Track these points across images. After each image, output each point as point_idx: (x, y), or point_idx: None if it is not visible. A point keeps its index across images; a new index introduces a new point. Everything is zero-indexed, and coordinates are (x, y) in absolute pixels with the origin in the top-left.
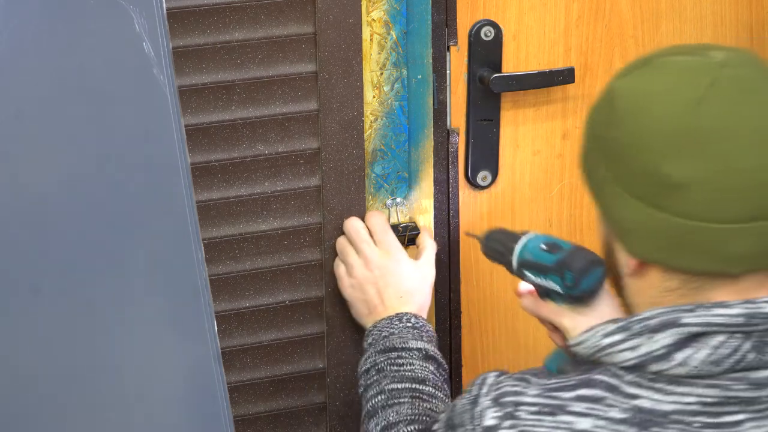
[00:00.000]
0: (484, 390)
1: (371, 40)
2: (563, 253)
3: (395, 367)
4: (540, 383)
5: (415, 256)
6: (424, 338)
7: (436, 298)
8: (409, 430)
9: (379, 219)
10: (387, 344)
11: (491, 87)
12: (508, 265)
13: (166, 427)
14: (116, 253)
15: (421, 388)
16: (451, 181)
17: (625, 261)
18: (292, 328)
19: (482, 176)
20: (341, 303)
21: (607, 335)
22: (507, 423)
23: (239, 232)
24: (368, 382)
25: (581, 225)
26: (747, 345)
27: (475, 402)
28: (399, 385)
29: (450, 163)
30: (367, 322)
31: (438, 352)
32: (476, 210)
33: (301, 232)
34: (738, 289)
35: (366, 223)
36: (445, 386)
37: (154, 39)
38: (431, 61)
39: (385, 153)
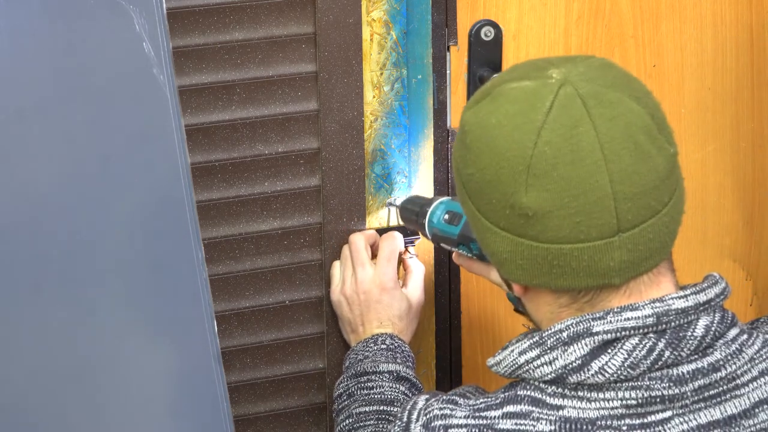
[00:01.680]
0: (414, 416)
1: (371, 40)
2: (462, 224)
3: (365, 391)
4: (468, 404)
5: (403, 279)
6: (398, 359)
7: (436, 298)
8: None
9: (389, 245)
10: (359, 368)
11: None
12: (425, 237)
13: (167, 427)
14: (116, 253)
15: (388, 409)
16: (451, 181)
17: (513, 285)
18: (292, 328)
19: None
20: None
21: (522, 353)
22: None
23: (239, 232)
24: (339, 406)
25: None
26: (661, 343)
27: (407, 429)
28: (367, 408)
29: (450, 163)
30: (349, 339)
31: (411, 373)
32: None
33: (301, 232)
34: (628, 294)
35: (379, 242)
36: None
37: (154, 39)
38: (431, 61)
39: (385, 153)
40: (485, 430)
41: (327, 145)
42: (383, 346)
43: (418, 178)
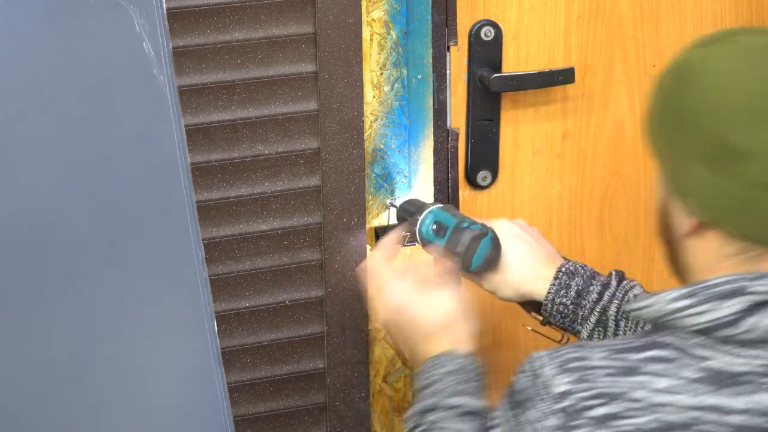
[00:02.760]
0: (540, 363)
1: (371, 40)
2: (447, 236)
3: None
4: (603, 345)
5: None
6: (462, 385)
7: None
8: None
9: (372, 267)
10: (426, 403)
11: (491, 87)
12: (418, 242)
13: (167, 427)
14: (116, 253)
15: None
16: (451, 181)
17: (683, 222)
18: (292, 328)
19: (482, 176)
20: (341, 303)
21: (673, 301)
22: (581, 386)
23: (239, 232)
24: None
25: (581, 225)
26: None
27: (536, 375)
28: None
29: (450, 163)
30: (413, 359)
31: (475, 402)
32: (476, 210)
33: (301, 232)
34: None
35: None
36: None
37: (154, 39)
38: (431, 61)
39: (385, 153)
40: (629, 372)
41: (327, 145)
42: (448, 369)
43: (418, 178)
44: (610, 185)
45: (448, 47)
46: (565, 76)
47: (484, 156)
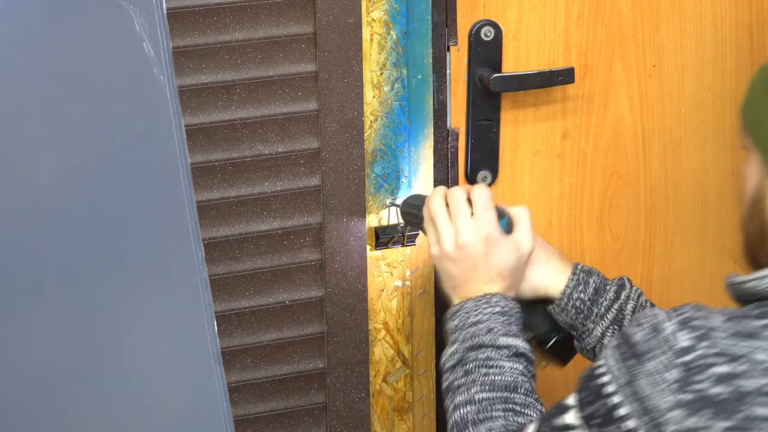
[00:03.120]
0: (661, 318)
1: (371, 40)
2: None
3: (484, 370)
4: (720, 311)
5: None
6: (513, 328)
7: (436, 297)
8: None
9: (483, 194)
10: (475, 341)
11: (491, 87)
12: (425, 235)
13: (166, 427)
14: (116, 253)
15: (512, 397)
16: (451, 181)
17: None
18: (292, 328)
19: (482, 176)
20: (341, 303)
21: None
22: (704, 344)
23: (239, 232)
24: (455, 383)
25: (581, 225)
26: None
27: (656, 330)
28: (490, 395)
29: (450, 163)
30: (452, 294)
31: (525, 345)
32: None
33: (301, 232)
34: None
35: (470, 194)
36: (534, 383)
37: (154, 39)
38: (431, 61)
39: (385, 153)
40: (749, 336)
41: (327, 145)
42: (497, 309)
43: (418, 178)
44: (610, 185)
45: (448, 47)
46: (565, 76)
47: (484, 156)
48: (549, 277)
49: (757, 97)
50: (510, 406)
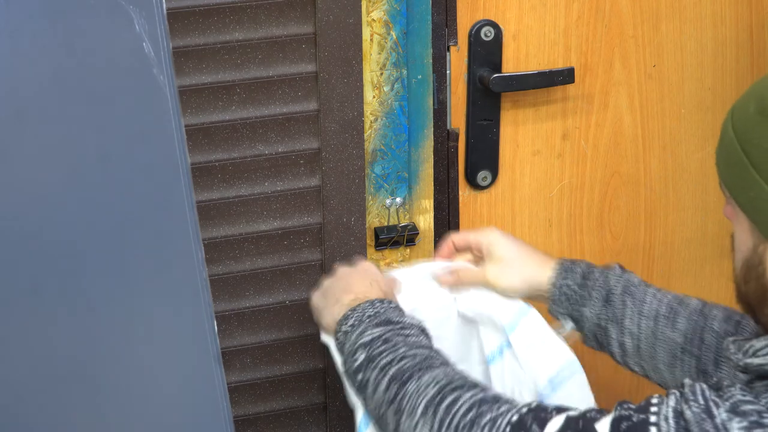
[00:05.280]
0: (708, 395)
1: (371, 40)
2: None
3: (402, 337)
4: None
5: None
6: (407, 314)
7: None
8: (486, 395)
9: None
10: (382, 318)
11: (491, 87)
12: None
13: (167, 427)
14: (116, 253)
15: (442, 357)
16: (451, 181)
17: None
18: (292, 328)
19: (482, 176)
20: None
21: None
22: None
23: (239, 232)
24: (374, 352)
25: (581, 225)
26: None
27: (709, 412)
28: (420, 351)
29: (450, 163)
30: (335, 311)
31: (426, 327)
32: (476, 210)
33: (301, 232)
34: None
35: None
36: None
37: (154, 39)
38: (431, 61)
39: (385, 153)
40: None
41: (327, 145)
42: (392, 306)
43: (418, 178)
44: (610, 185)
45: (448, 47)
46: (565, 76)
47: (484, 156)
48: (538, 271)
49: (733, 159)
50: (445, 361)
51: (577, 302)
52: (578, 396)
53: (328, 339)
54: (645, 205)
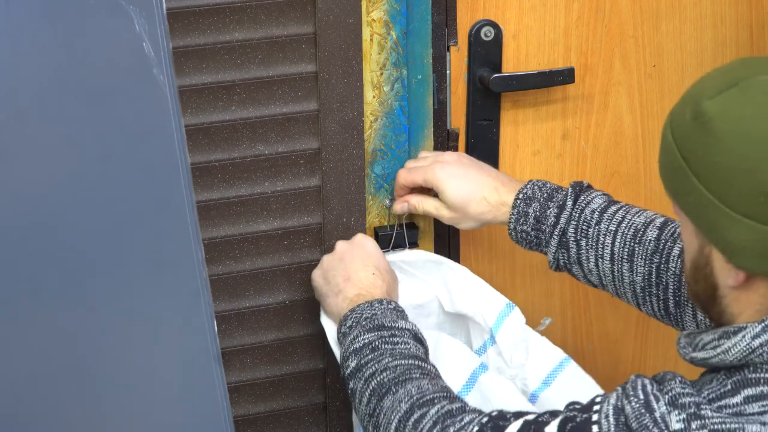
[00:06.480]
0: (650, 390)
1: (371, 40)
2: None
3: (390, 346)
4: (702, 385)
5: None
6: (408, 320)
7: None
8: (452, 408)
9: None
10: (376, 323)
11: (491, 87)
12: None
13: (166, 427)
14: (116, 253)
15: (425, 365)
16: None
17: (728, 274)
18: (292, 328)
19: None
20: None
21: (755, 337)
22: (695, 424)
23: (239, 232)
24: (362, 361)
25: None
26: None
27: (648, 406)
28: (403, 362)
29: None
30: (338, 304)
31: (420, 331)
32: None
33: (301, 232)
34: None
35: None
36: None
37: (154, 39)
38: (431, 61)
39: (385, 153)
40: (737, 417)
41: (327, 145)
42: (390, 307)
43: None
44: (610, 185)
45: (448, 47)
46: (565, 76)
47: (484, 156)
48: (489, 216)
49: (673, 165)
50: (426, 371)
51: (536, 244)
52: (574, 386)
53: (326, 321)
54: (645, 205)
